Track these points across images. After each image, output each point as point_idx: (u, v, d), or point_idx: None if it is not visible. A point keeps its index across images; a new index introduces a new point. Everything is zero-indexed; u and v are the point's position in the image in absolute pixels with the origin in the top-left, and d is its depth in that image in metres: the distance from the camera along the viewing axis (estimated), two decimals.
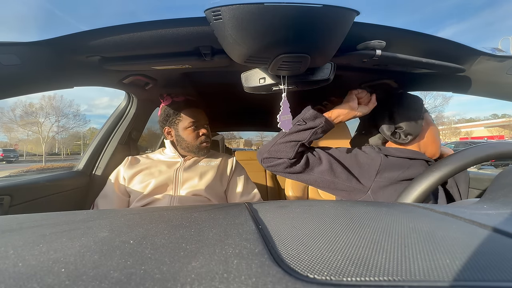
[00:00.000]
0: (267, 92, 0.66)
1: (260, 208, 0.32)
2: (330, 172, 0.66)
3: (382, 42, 0.57)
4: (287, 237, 0.21)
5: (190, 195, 0.84)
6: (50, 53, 0.58)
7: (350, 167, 0.67)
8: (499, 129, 29.40)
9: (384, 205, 0.33)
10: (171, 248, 0.19)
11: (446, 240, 0.20)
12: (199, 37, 0.55)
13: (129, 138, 1.15)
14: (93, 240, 0.21)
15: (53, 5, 0.95)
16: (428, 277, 0.15)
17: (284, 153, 0.66)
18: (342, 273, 0.15)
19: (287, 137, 0.67)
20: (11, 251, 0.19)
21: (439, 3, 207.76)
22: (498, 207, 0.31)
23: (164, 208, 0.36)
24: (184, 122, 0.90)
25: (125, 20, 0.50)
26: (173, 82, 0.97)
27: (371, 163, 0.66)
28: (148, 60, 0.64)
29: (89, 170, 1.00)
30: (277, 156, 0.67)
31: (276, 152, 0.67)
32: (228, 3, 0.39)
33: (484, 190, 0.84)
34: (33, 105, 29.13)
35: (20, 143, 33.23)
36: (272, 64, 0.52)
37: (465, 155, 0.47)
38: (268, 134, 27.97)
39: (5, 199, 0.68)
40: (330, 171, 0.66)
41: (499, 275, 0.15)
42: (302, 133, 0.66)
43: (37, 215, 0.32)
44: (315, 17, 0.40)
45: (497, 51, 0.65)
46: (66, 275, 0.16)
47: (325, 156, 0.68)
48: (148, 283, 0.15)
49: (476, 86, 0.76)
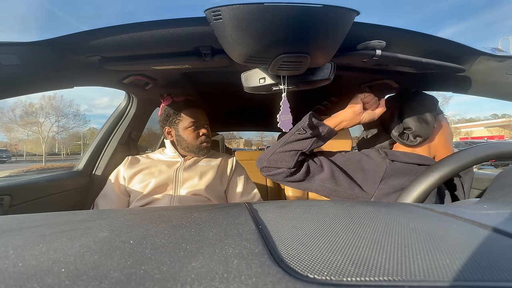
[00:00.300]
0: (267, 92, 0.66)
1: (260, 208, 0.32)
2: (332, 180, 0.63)
3: (382, 42, 0.57)
4: (287, 237, 0.21)
5: (190, 195, 0.84)
6: (50, 53, 0.58)
7: (353, 174, 0.64)
8: (499, 129, 29.41)
9: (384, 205, 0.33)
10: (171, 248, 0.19)
11: (446, 240, 0.20)
12: (199, 37, 0.55)
13: (129, 138, 1.15)
14: (93, 240, 0.21)
15: (53, 5, 0.96)
16: (428, 277, 0.15)
17: (283, 162, 0.63)
18: (342, 273, 0.15)
19: (287, 146, 0.64)
20: (11, 251, 0.19)
21: (439, 3, 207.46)
22: (498, 207, 0.31)
23: (164, 208, 0.36)
24: (184, 122, 0.90)
25: (125, 20, 0.50)
26: (173, 82, 0.97)
27: (375, 170, 0.63)
28: (148, 60, 0.64)
29: (89, 170, 1.00)
30: (276, 165, 0.64)
31: (275, 162, 0.64)
32: (228, 3, 0.39)
33: (484, 190, 0.84)
34: (33, 105, 29.19)
35: (20, 143, 33.24)
36: (272, 64, 0.52)
37: (465, 155, 0.47)
38: (268, 134, 27.37)
39: (5, 199, 0.68)
40: (331, 179, 0.63)
41: (499, 275, 0.15)
42: (302, 142, 0.63)
43: (37, 215, 0.32)
44: (315, 17, 0.40)
45: (497, 51, 0.65)
46: (66, 275, 0.16)
47: (327, 163, 0.65)
48: (148, 283, 0.15)
49: (476, 86, 0.76)
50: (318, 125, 0.64)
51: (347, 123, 0.65)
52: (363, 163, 0.65)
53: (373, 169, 0.63)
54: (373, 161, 0.64)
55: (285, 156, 0.63)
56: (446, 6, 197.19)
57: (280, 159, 0.64)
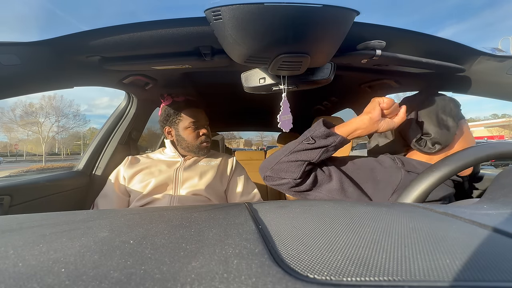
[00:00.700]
0: (267, 92, 0.66)
1: (260, 208, 0.32)
2: (341, 191, 0.57)
3: (382, 42, 0.57)
4: (287, 237, 0.21)
5: (190, 195, 0.84)
6: (50, 53, 0.58)
7: (363, 184, 0.59)
8: (499, 129, 29.40)
9: (384, 205, 0.33)
10: (171, 248, 0.19)
11: (446, 240, 0.20)
12: (199, 37, 0.55)
13: (129, 138, 1.15)
14: (93, 240, 0.21)
15: (54, 5, 0.96)
16: (428, 277, 0.15)
17: (289, 173, 0.57)
18: (342, 273, 0.15)
19: (293, 156, 0.57)
20: (11, 251, 0.19)
21: (439, 3, 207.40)
22: (498, 207, 0.31)
23: (164, 208, 0.36)
24: (185, 122, 0.90)
25: (125, 20, 0.50)
26: (173, 82, 0.97)
27: (389, 181, 0.58)
28: (148, 60, 0.64)
29: (89, 170, 1.00)
30: (281, 175, 0.58)
31: (280, 172, 0.58)
32: (228, 3, 0.39)
33: (484, 190, 0.84)
34: (33, 105, 29.24)
35: (20, 143, 33.26)
36: (272, 64, 0.52)
37: (465, 155, 0.47)
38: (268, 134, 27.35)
39: (5, 199, 0.68)
40: (340, 191, 0.57)
41: (499, 275, 0.15)
42: (310, 152, 0.56)
43: (37, 215, 0.32)
44: (315, 17, 0.40)
45: (497, 51, 0.65)
46: (66, 275, 0.16)
47: (336, 172, 0.59)
48: (148, 283, 0.15)
49: (476, 86, 0.76)
50: (330, 134, 0.57)
51: (362, 132, 0.57)
52: (376, 173, 0.60)
53: (386, 180, 0.58)
54: (386, 171, 0.60)
55: (291, 166, 0.57)
56: (446, 6, 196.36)
57: (285, 169, 0.58)
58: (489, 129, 30.14)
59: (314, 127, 0.58)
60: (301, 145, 0.57)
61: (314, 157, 0.56)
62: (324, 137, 0.56)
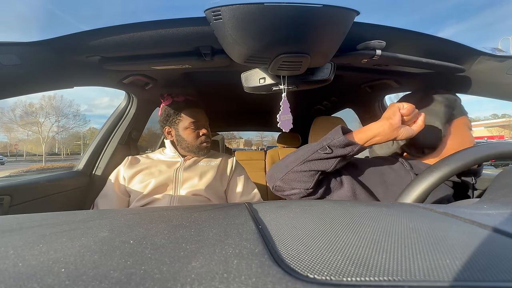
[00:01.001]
0: (267, 92, 0.66)
1: (260, 208, 0.32)
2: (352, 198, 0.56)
3: (382, 42, 0.57)
4: (287, 237, 0.21)
5: (190, 195, 0.84)
6: (50, 53, 0.58)
7: (374, 188, 0.58)
8: (499, 129, 29.40)
9: (384, 205, 0.33)
10: (171, 248, 0.19)
11: (446, 240, 0.20)
12: (199, 37, 0.55)
13: (129, 138, 1.15)
14: (93, 240, 0.21)
15: (54, 5, 0.96)
16: (428, 277, 0.15)
17: (301, 183, 0.54)
18: (342, 273, 0.15)
19: (306, 165, 0.54)
20: (11, 251, 0.19)
21: (439, 3, 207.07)
22: (498, 207, 0.31)
23: (164, 208, 0.36)
24: (185, 122, 0.90)
25: (125, 20, 0.50)
26: (173, 82, 0.97)
27: (399, 185, 0.57)
28: (148, 60, 0.64)
29: (89, 170, 1.00)
30: (292, 186, 0.56)
31: (291, 181, 0.55)
32: (228, 3, 0.39)
33: (484, 190, 0.84)
34: (33, 105, 29.27)
35: (20, 143, 33.27)
36: (272, 64, 0.52)
37: (465, 155, 0.47)
38: (268, 134, 27.38)
39: (5, 199, 0.68)
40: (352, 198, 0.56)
41: (499, 276, 0.15)
42: (326, 162, 0.53)
43: (37, 215, 0.32)
44: (315, 17, 0.40)
45: (497, 51, 0.65)
46: (66, 275, 0.16)
47: (347, 179, 0.57)
48: (148, 283, 0.15)
49: (476, 86, 0.76)
50: (349, 144, 0.53)
51: (381, 139, 0.54)
52: (386, 177, 0.59)
53: (395, 183, 0.57)
54: (396, 175, 0.59)
55: (303, 176, 0.54)
56: (446, 6, 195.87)
57: (297, 179, 0.55)
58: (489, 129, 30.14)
59: (332, 135, 0.54)
60: (316, 154, 0.53)
61: (329, 167, 0.53)
62: (342, 147, 0.53)
